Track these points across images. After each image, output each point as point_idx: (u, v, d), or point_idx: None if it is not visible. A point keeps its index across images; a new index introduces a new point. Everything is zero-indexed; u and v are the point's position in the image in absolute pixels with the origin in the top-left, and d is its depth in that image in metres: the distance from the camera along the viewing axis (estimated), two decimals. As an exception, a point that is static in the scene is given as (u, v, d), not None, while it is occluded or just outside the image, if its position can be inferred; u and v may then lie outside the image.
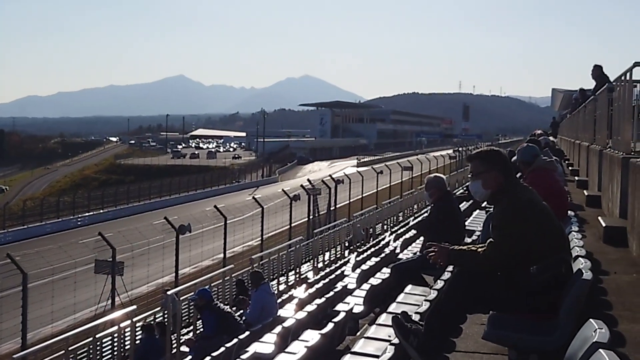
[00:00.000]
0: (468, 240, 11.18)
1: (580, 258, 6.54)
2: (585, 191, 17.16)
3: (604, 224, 11.30)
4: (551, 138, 33.45)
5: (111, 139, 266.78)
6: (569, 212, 10.57)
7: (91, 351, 20.39)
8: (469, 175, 6.69)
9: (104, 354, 22.53)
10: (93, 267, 30.57)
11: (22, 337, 24.02)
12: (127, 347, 19.60)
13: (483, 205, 16.70)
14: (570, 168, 25.20)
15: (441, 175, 11.92)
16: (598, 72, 21.77)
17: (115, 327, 20.59)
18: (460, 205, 15.85)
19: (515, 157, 10.97)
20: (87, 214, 75.28)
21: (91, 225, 63.81)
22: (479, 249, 6.25)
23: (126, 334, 21.63)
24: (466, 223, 13.20)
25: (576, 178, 20.89)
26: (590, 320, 4.41)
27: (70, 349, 16.51)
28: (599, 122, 18.19)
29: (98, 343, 20.87)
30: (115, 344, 22.70)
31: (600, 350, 3.88)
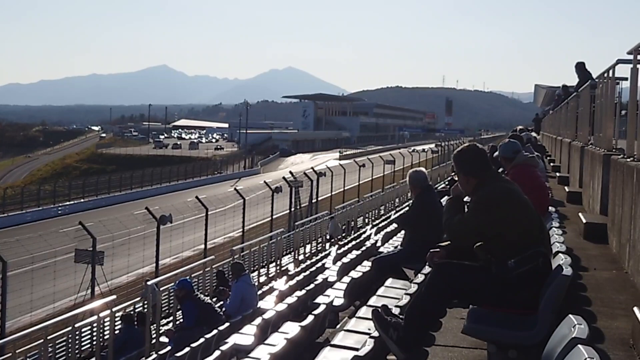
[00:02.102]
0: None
1: (560, 254, 6.58)
2: (566, 187, 17.25)
3: (584, 221, 11.36)
4: (533, 134, 33.55)
5: (93, 128, 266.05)
6: (550, 208, 10.64)
7: (70, 340, 20.34)
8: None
9: (82, 344, 22.47)
10: (73, 256, 30.47)
11: (0, 325, 23.94)
12: (106, 337, 19.58)
13: (465, 199, 16.73)
14: (551, 164, 25.30)
15: (423, 170, 11.95)
16: (581, 69, 21.84)
17: (95, 317, 20.53)
18: (442, 200, 15.88)
19: (497, 153, 11.01)
20: (67, 203, 74.97)
21: (72, 215, 63.64)
22: (455, 221, 6.41)
23: (105, 324, 21.58)
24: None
25: (557, 174, 21.00)
26: (570, 316, 4.44)
27: (49, 338, 16.45)
28: (581, 119, 18.30)
29: (77, 332, 20.82)
30: (95, 333, 22.65)
31: (579, 345, 3.90)
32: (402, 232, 14.43)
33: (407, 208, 23.08)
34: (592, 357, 3.65)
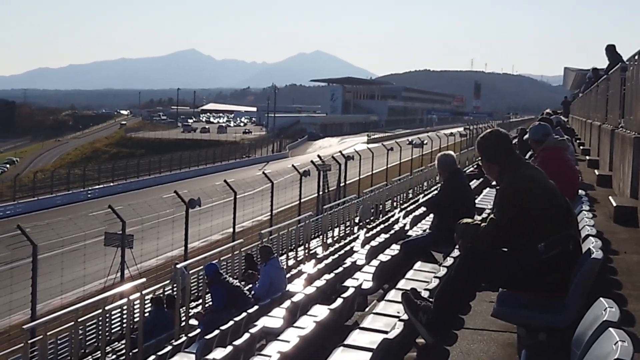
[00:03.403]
0: (478, 218, 11.18)
1: (590, 237, 6.53)
2: (596, 171, 17.12)
3: (614, 204, 11.27)
4: (562, 117, 33.35)
5: (122, 112, 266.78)
6: (580, 191, 10.55)
7: (100, 323, 20.46)
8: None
9: (113, 326, 22.67)
10: (103, 239, 30.68)
11: (31, 308, 24.11)
12: (136, 320, 19.71)
13: (493, 183, 16.70)
14: (581, 147, 25.11)
15: (451, 153, 11.90)
16: (611, 51, 21.66)
17: (125, 300, 20.66)
18: (471, 183, 15.85)
19: (526, 136, 10.96)
20: (97, 186, 75.44)
21: (101, 198, 64.03)
22: (482, 224, 6.30)
23: (135, 307, 21.71)
24: (476, 201, 13.18)
25: (587, 157, 20.85)
26: (600, 299, 4.41)
27: (79, 320, 16.59)
28: (611, 102, 18.13)
29: (107, 315, 20.96)
30: (125, 316, 22.78)
31: (610, 329, 3.87)
32: (431, 215, 14.38)
33: (435, 191, 23.05)
34: (623, 340, 3.63)
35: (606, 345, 3.74)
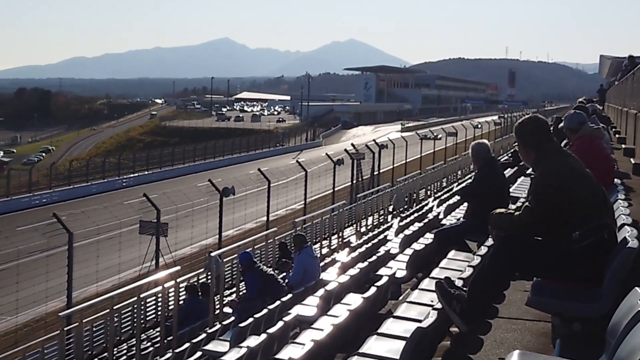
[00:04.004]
0: (512, 206, 11.14)
1: (626, 226, 6.47)
2: (632, 159, 16.97)
3: (650, 192, 11.18)
4: (598, 105, 33.09)
5: (156, 100, 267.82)
6: (615, 180, 10.48)
7: (135, 311, 20.63)
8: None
9: (148, 314, 22.81)
10: (138, 227, 30.85)
11: (67, 295, 24.31)
12: (170, 307, 19.84)
13: (528, 172, 16.63)
14: (617, 136, 24.92)
15: (485, 142, 11.85)
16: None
17: (159, 288, 20.80)
18: (505, 172, 15.77)
19: (562, 124, 10.91)
20: (132, 175, 75.81)
21: (136, 187, 64.34)
22: (516, 213, 6.28)
23: (170, 295, 21.84)
24: (511, 189, 13.12)
25: (623, 146, 20.66)
26: (636, 288, 4.37)
27: (114, 308, 16.72)
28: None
29: (142, 303, 21.11)
30: (159, 304, 22.94)
31: (647, 317, 3.84)
32: (465, 204, 14.34)
33: (469, 180, 22.98)
34: (660, 330, 3.61)
35: (642, 335, 3.71)
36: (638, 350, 3.53)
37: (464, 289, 6.45)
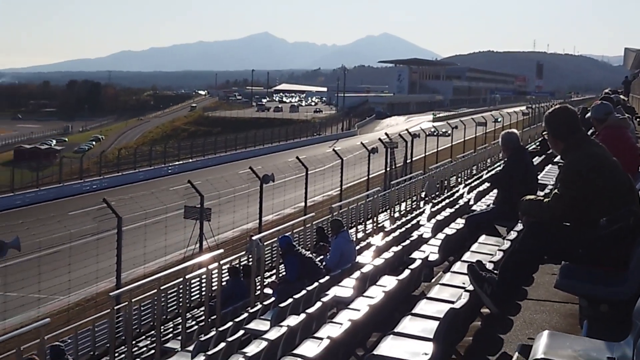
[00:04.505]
0: (540, 193, 11.07)
1: (651, 213, 6.43)
2: (656, 148, 16.81)
3: (674, 180, 11.05)
4: (623, 96, 32.77)
5: (200, 92, 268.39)
6: (640, 167, 10.39)
7: (181, 291, 20.74)
8: None
9: (192, 294, 22.94)
10: (182, 212, 31.01)
11: (116, 276, 24.52)
12: (214, 288, 19.88)
13: (555, 160, 16.54)
14: (641, 125, 24.69)
15: (515, 131, 11.82)
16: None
17: (204, 269, 20.87)
18: (533, 160, 15.68)
19: (588, 114, 10.83)
20: (177, 162, 76.19)
21: (181, 174, 64.64)
22: (545, 200, 6.27)
23: (213, 276, 21.91)
24: (539, 177, 13.04)
25: (647, 136, 20.48)
26: (661, 272, 4.35)
27: (161, 288, 16.82)
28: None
29: (187, 284, 21.21)
30: (204, 284, 23.07)
31: (672, 301, 3.81)
32: (495, 191, 14.27)
33: (499, 168, 22.86)
34: (684, 312, 3.58)
35: (667, 317, 3.69)
36: (663, 331, 3.52)
37: (495, 272, 6.45)
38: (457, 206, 18.40)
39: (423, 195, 39.80)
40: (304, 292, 12.98)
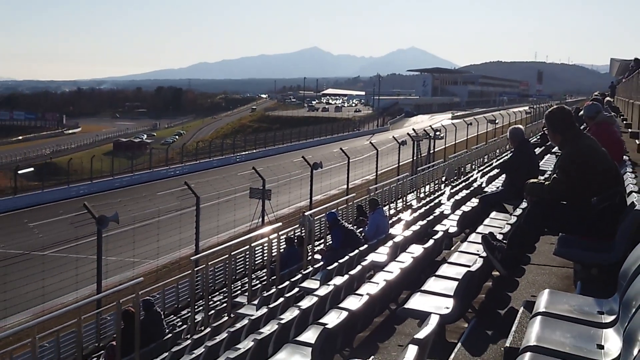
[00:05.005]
0: (541, 178, 10.97)
1: (633, 193, 6.40)
2: (636, 140, 16.56)
3: (653, 166, 10.93)
4: (609, 98, 32.31)
5: (262, 95, 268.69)
6: (624, 157, 10.29)
7: (247, 256, 20.85)
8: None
9: (256, 259, 23.03)
10: (248, 193, 31.18)
11: (195, 244, 24.72)
12: (274, 254, 19.98)
13: (553, 150, 16.38)
14: (624, 122, 24.33)
15: (520, 126, 11.71)
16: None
17: (265, 239, 20.96)
18: (535, 150, 15.52)
19: (581, 112, 10.73)
20: (243, 152, 76.54)
21: (246, 162, 64.87)
22: (546, 183, 6.27)
23: (273, 244, 22.00)
24: (540, 164, 12.91)
25: (630, 130, 20.20)
26: (643, 242, 4.31)
27: (232, 254, 16.92)
28: (650, 86, 17.54)
29: (252, 250, 21.30)
30: (265, 251, 23.15)
31: (652, 264, 3.78)
32: (503, 175, 14.15)
33: (507, 157, 22.64)
34: (663, 274, 3.54)
35: (648, 278, 3.65)
36: (644, 291, 3.49)
37: (504, 241, 6.44)
38: (471, 188, 18.28)
39: (444, 179, 39.56)
40: (347, 257, 13.00)
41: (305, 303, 9.03)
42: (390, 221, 18.85)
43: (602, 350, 3.51)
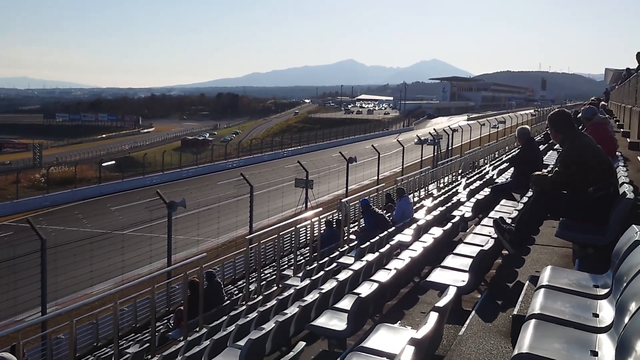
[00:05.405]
0: (545, 170, 10.85)
1: (625, 184, 6.32)
2: (627, 139, 16.31)
3: (641, 161, 10.76)
4: (604, 102, 31.79)
5: (305, 100, 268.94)
6: (617, 153, 10.15)
7: (293, 236, 20.97)
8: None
9: (300, 239, 23.12)
10: (294, 182, 31.29)
11: (249, 225, 24.84)
12: (315, 235, 20.04)
13: (555, 147, 16.18)
14: (617, 123, 23.93)
15: (527, 126, 11.60)
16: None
17: (308, 221, 21.04)
18: (539, 147, 15.33)
19: (580, 115, 10.59)
20: (289, 148, 76.78)
21: (292, 156, 65.07)
22: (549, 175, 6.24)
23: (315, 227, 22.08)
24: (543, 159, 12.77)
25: (622, 130, 19.86)
26: (633, 225, 4.25)
27: (280, 234, 17.00)
28: (639, 92, 17.21)
29: (297, 231, 21.40)
30: (308, 232, 23.21)
31: (640, 246, 3.75)
32: (512, 169, 14.04)
33: (514, 152, 22.41)
34: (650, 253, 3.51)
35: (636, 257, 3.62)
36: (634, 267, 3.46)
37: (512, 225, 6.40)
38: (484, 179, 18.12)
39: (460, 171, 39.28)
40: (377, 237, 13.00)
41: (342, 276, 9.06)
42: (414, 207, 18.80)
43: (597, 318, 3.50)
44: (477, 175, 25.93)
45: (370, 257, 9.97)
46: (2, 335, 10.16)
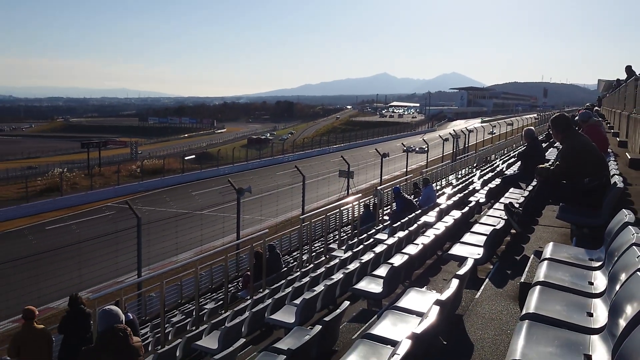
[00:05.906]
0: (547, 164, 10.62)
1: (615, 175, 6.19)
2: (617, 138, 15.86)
3: (629, 157, 10.47)
4: (597, 107, 30.90)
5: (347, 107, 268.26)
6: (609, 150, 9.91)
7: (337, 216, 20.99)
8: None
9: (343, 219, 23.16)
10: (337, 173, 31.30)
11: (302, 207, 24.99)
12: (355, 216, 20.04)
13: (555, 145, 15.83)
14: (608, 125, 23.25)
15: (532, 128, 11.38)
16: (628, 69, 20.03)
17: (350, 205, 21.08)
18: (542, 144, 15.01)
19: (577, 117, 10.35)
20: (334, 146, 76.59)
21: (336, 152, 65.13)
22: (551, 168, 6.11)
23: (355, 209, 22.11)
24: (546, 155, 12.51)
25: (612, 130, 19.32)
26: (623, 209, 4.18)
27: (327, 214, 17.05)
28: (628, 99, 16.70)
29: (341, 212, 21.42)
30: (350, 213, 23.23)
31: (629, 226, 3.69)
32: (519, 162, 13.78)
33: (521, 149, 21.99)
34: (637, 233, 3.45)
35: (626, 236, 3.56)
36: (623, 244, 3.42)
37: (520, 209, 6.32)
38: (495, 171, 17.86)
39: (475, 165, 38.75)
40: (406, 218, 12.94)
41: (378, 249, 9.06)
42: (437, 194, 18.63)
43: (592, 286, 3.46)
44: (490, 168, 25.55)
45: (400, 234, 9.95)
46: (108, 292, 10.51)
